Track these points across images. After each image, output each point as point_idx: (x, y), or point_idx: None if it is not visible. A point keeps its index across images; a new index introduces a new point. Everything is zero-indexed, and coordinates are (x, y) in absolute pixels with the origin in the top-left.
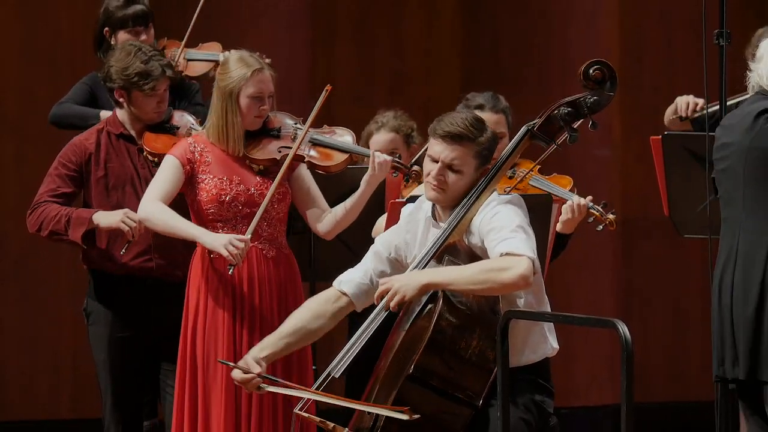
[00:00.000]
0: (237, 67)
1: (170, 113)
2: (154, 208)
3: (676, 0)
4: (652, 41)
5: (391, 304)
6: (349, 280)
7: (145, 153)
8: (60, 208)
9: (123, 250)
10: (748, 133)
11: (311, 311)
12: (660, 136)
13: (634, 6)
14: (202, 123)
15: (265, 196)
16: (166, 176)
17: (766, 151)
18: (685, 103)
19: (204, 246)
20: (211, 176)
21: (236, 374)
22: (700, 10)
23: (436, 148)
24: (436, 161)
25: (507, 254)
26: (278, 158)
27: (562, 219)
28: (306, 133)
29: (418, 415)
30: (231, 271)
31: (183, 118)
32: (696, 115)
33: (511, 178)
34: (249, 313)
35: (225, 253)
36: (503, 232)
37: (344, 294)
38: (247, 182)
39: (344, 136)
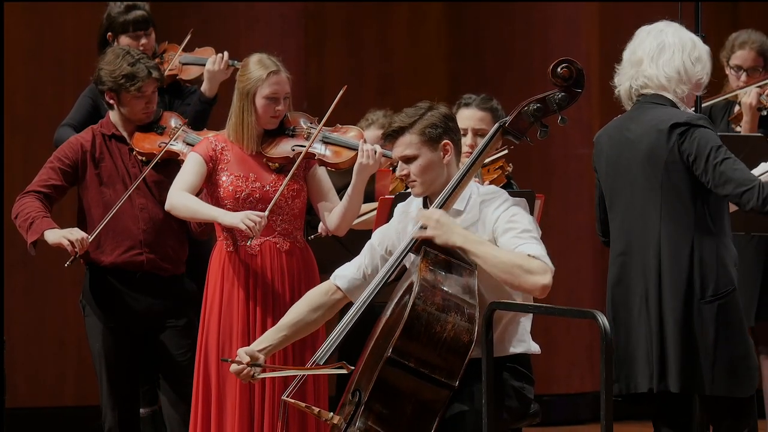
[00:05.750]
0: (254, 69)
1: (160, 114)
2: (177, 198)
3: (653, 6)
4: None
5: (419, 235)
6: (342, 275)
7: (135, 153)
8: (36, 207)
9: (66, 264)
10: (661, 146)
11: (309, 304)
12: None
13: (612, 12)
14: (188, 123)
15: (280, 194)
16: (191, 170)
17: (686, 164)
18: (756, 94)
19: (224, 224)
20: (229, 173)
21: (233, 368)
22: (676, 16)
23: (391, 153)
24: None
25: (535, 258)
26: (291, 156)
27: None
28: (318, 132)
29: (353, 368)
30: (249, 243)
31: (171, 120)
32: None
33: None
34: (262, 305)
35: (243, 227)
36: (526, 236)
37: (338, 288)
38: (262, 179)
39: (353, 134)
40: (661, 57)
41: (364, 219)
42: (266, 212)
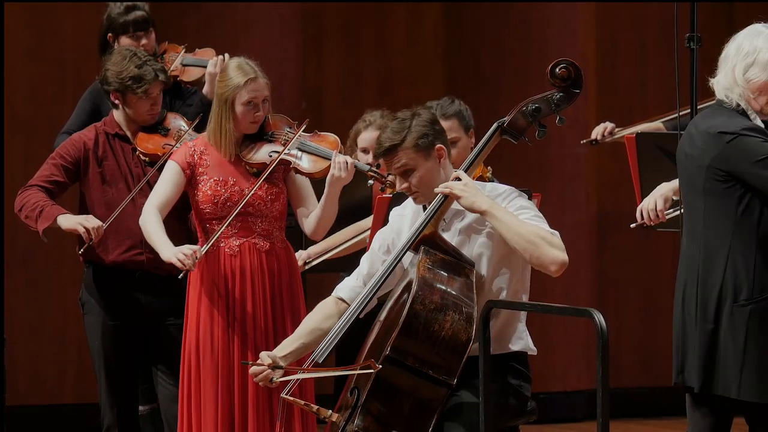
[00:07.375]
0: (233, 75)
1: (164, 115)
2: (144, 218)
3: (649, 7)
4: (626, 46)
5: (443, 190)
6: (344, 287)
7: (137, 152)
8: (42, 197)
9: (80, 251)
10: (708, 150)
11: (322, 313)
12: (634, 135)
13: (609, 12)
14: (192, 125)
15: (258, 197)
16: (168, 181)
17: (725, 172)
18: (601, 128)
19: (163, 258)
20: (208, 177)
21: (252, 369)
22: (672, 16)
23: (388, 168)
24: (396, 176)
25: (554, 236)
26: (268, 162)
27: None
28: (294, 139)
29: (380, 366)
30: (180, 275)
31: (175, 121)
32: (608, 139)
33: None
34: (241, 303)
35: (175, 261)
36: (539, 220)
37: (342, 300)
38: (241, 183)
39: (329, 142)
40: (723, 68)
41: (354, 242)
42: (204, 246)
